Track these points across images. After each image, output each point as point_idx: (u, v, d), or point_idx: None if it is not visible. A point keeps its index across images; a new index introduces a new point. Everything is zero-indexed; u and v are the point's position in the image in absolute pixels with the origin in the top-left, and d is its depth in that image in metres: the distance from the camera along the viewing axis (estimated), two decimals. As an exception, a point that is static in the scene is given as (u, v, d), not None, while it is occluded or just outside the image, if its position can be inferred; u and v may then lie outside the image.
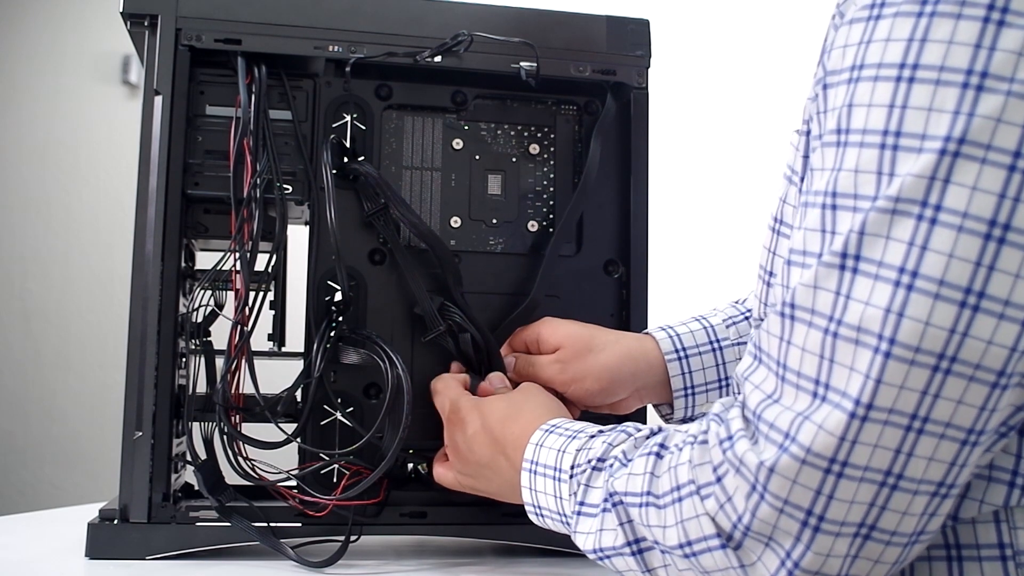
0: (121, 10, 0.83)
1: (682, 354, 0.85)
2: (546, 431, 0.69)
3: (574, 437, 0.66)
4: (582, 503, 0.63)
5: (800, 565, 0.50)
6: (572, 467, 0.64)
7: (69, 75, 2.97)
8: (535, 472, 0.68)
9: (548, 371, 0.83)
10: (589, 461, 0.63)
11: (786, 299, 0.51)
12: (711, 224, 2.41)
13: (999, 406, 0.48)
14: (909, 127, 0.47)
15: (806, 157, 0.60)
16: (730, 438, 0.52)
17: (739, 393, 0.56)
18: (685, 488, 0.54)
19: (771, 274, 0.63)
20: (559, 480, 0.65)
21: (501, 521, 0.86)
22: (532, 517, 0.70)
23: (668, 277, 1.58)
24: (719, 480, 0.52)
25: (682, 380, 0.84)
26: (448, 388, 0.82)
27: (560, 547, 0.86)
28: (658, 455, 0.58)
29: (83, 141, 2.95)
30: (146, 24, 0.83)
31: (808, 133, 0.58)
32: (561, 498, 0.65)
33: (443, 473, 0.81)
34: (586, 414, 0.86)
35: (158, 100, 0.82)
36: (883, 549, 0.50)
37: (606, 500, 0.60)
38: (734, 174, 2.39)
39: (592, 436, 0.65)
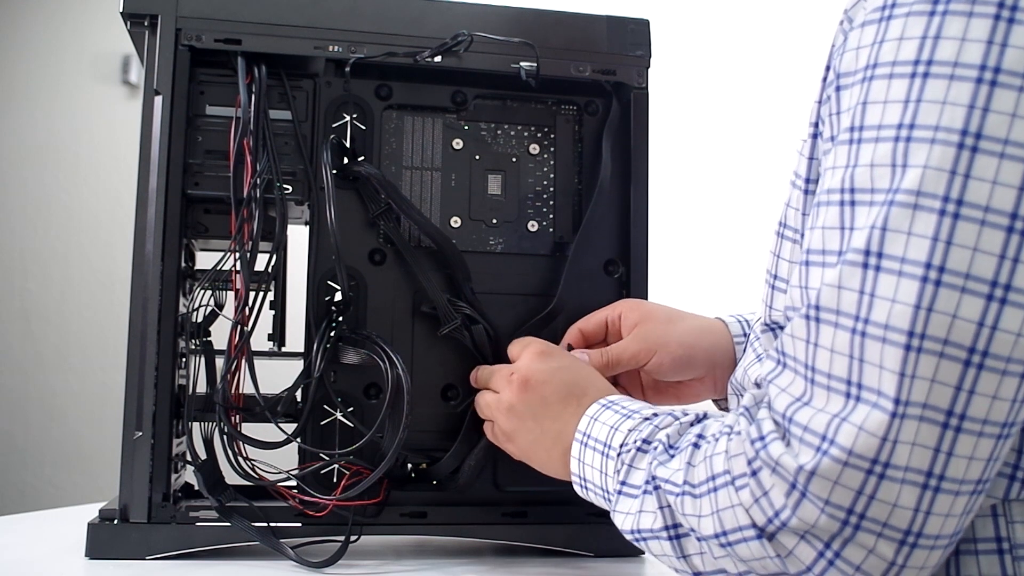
0: (121, 10, 0.83)
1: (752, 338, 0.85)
2: (603, 406, 0.70)
3: (629, 416, 0.67)
4: (624, 482, 0.63)
5: (841, 555, 0.50)
6: (621, 445, 0.64)
7: (69, 75, 2.97)
8: (585, 444, 0.69)
9: (630, 350, 0.83)
10: (635, 442, 0.63)
11: (809, 301, 0.52)
12: (711, 224, 2.41)
13: None
14: (923, 119, 0.48)
15: (811, 159, 0.60)
16: (762, 438, 0.53)
17: (744, 392, 0.55)
18: (720, 478, 0.55)
19: (776, 277, 0.64)
20: (607, 456, 0.66)
21: (501, 521, 0.86)
22: (577, 488, 0.70)
23: (668, 277, 1.58)
24: (754, 474, 0.52)
25: None
26: (530, 338, 0.82)
27: (560, 547, 0.86)
28: (695, 445, 0.58)
29: (83, 141, 2.95)
30: (146, 24, 0.83)
31: (815, 136, 0.58)
32: (606, 474, 0.66)
33: (488, 402, 0.80)
34: None
35: (158, 100, 0.82)
36: (927, 554, 0.50)
37: (647, 483, 0.60)
38: (734, 174, 2.39)
39: (646, 419, 0.65)
